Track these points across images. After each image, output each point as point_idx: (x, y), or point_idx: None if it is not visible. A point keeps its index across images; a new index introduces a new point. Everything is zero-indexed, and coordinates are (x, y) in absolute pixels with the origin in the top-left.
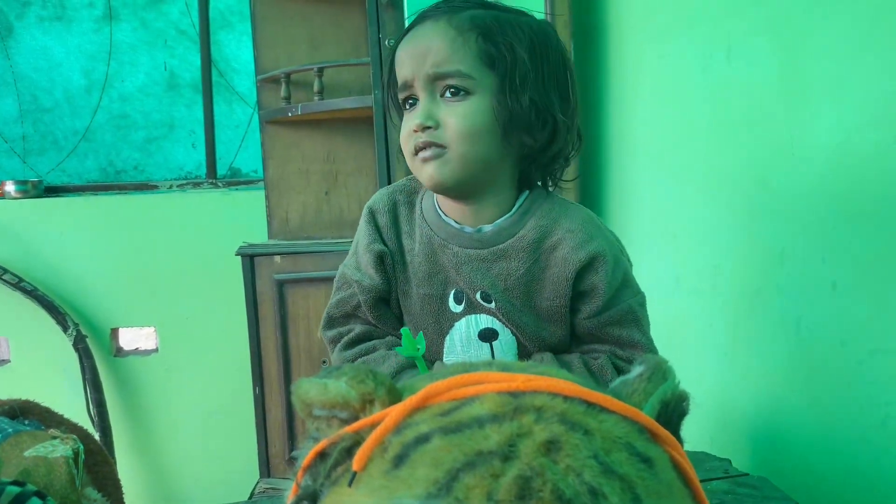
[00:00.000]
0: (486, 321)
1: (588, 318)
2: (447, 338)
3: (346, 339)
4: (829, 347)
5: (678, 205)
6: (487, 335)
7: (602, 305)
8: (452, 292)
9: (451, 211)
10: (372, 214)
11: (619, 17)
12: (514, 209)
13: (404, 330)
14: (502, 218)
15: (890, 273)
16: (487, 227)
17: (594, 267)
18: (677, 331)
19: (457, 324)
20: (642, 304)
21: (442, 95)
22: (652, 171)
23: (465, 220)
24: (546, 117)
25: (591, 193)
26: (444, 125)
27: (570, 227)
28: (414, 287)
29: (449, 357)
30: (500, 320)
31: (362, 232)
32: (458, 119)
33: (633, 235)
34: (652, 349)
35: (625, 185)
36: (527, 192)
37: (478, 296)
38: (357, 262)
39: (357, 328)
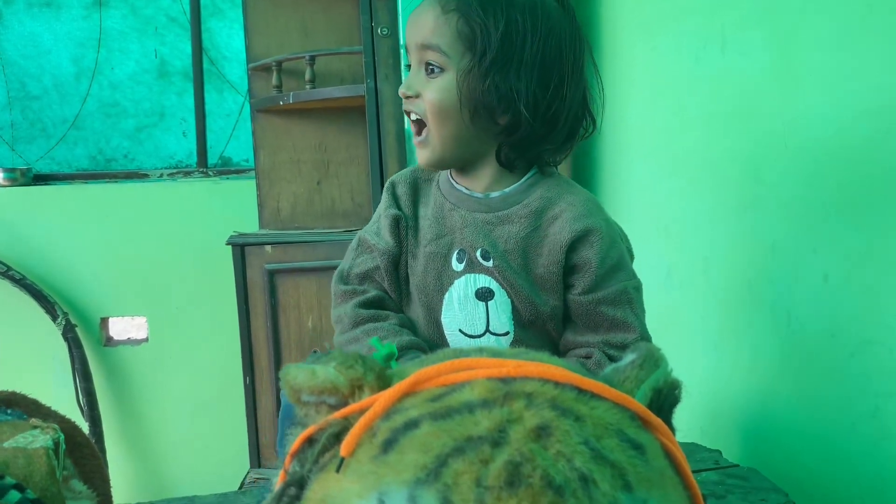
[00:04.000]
0: (483, 280)
1: (582, 294)
2: (446, 295)
3: (362, 297)
4: (820, 339)
5: (670, 197)
6: (484, 294)
7: (594, 280)
8: (456, 252)
9: (461, 180)
10: (392, 185)
11: (612, 8)
12: (523, 180)
13: (374, 340)
14: (511, 187)
15: (881, 265)
16: (495, 194)
17: (588, 240)
18: (669, 322)
19: (456, 281)
20: (637, 289)
21: (426, 70)
22: (644, 163)
23: (474, 188)
24: (509, 103)
25: (583, 185)
26: (422, 97)
27: (572, 201)
28: (422, 247)
29: (447, 314)
30: (497, 281)
31: (383, 201)
32: (430, 93)
33: (624, 227)
34: (645, 334)
35: (617, 177)
36: (535, 168)
37: (478, 254)
38: (378, 228)
39: (372, 292)
